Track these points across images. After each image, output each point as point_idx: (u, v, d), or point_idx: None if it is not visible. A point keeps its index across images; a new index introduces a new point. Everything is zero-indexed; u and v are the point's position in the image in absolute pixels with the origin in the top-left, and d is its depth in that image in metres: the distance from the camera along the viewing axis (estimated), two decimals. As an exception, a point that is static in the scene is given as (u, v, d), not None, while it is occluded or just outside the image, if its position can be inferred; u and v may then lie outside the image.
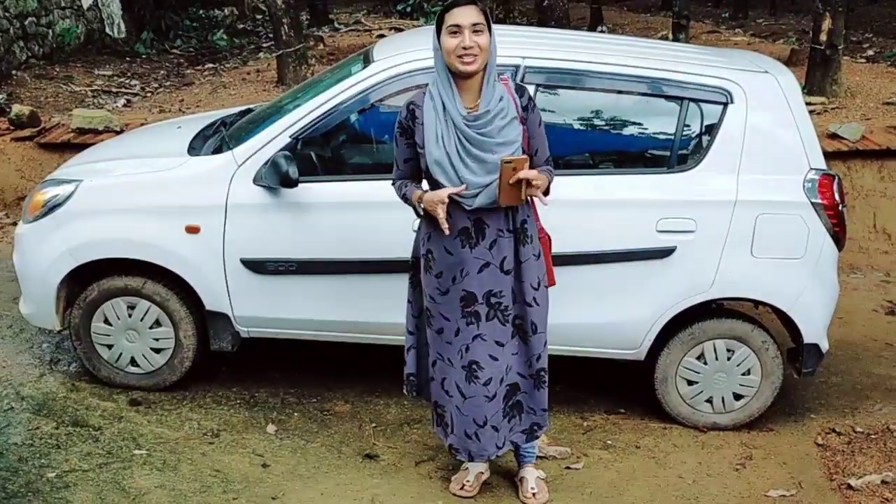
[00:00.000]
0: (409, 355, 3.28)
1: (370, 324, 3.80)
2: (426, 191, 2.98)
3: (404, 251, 3.40)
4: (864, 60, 9.86)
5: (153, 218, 3.74)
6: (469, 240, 2.96)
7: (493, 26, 2.89)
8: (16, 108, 6.98)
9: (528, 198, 2.95)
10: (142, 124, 6.30)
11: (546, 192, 2.99)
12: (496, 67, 2.92)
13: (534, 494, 3.29)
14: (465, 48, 2.79)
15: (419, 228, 3.13)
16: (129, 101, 8.56)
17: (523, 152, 2.92)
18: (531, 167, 2.91)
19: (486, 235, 2.96)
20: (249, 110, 4.56)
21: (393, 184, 3.12)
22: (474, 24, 2.80)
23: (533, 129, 2.99)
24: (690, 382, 3.85)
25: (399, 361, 3.37)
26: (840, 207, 3.69)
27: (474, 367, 3.04)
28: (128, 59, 10.75)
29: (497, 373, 3.05)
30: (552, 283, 3.16)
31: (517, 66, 3.62)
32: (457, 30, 2.81)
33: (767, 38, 12.17)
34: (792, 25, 13.68)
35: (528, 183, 2.81)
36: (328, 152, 3.85)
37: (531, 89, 3.42)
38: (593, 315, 3.71)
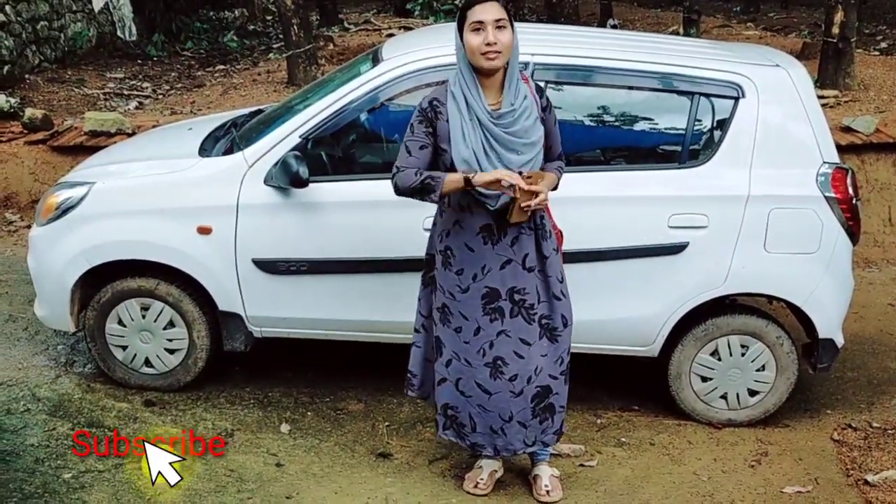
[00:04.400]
0: (413, 353, 3.28)
1: (382, 323, 3.80)
2: (466, 173, 2.81)
3: (415, 250, 3.40)
4: (877, 53, 9.79)
5: (165, 219, 3.76)
6: (491, 236, 2.97)
7: None
8: (29, 112, 7.03)
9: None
10: (153, 126, 6.32)
11: (554, 188, 3.03)
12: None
13: (548, 492, 3.28)
14: (488, 44, 2.78)
15: (435, 225, 3.13)
16: (140, 103, 8.61)
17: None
18: (547, 160, 3.01)
19: (507, 233, 2.96)
20: (260, 111, 4.57)
21: (395, 173, 2.96)
22: (497, 20, 2.79)
23: (550, 128, 3.02)
24: (705, 379, 3.83)
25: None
26: (854, 201, 3.67)
27: (499, 362, 3.04)
28: (139, 61, 10.80)
29: (524, 371, 3.05)
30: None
31: (526, 64, 3.60)
32: (480, 26, 2.79)
33: (779, 31, 12.10)
34: (804, 19, 13.60)
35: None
36: (338, 152, 3.85)
37: (542, 84, 3.42)
38: (606, 312, 3.70)
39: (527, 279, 3.01)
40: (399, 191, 2.98)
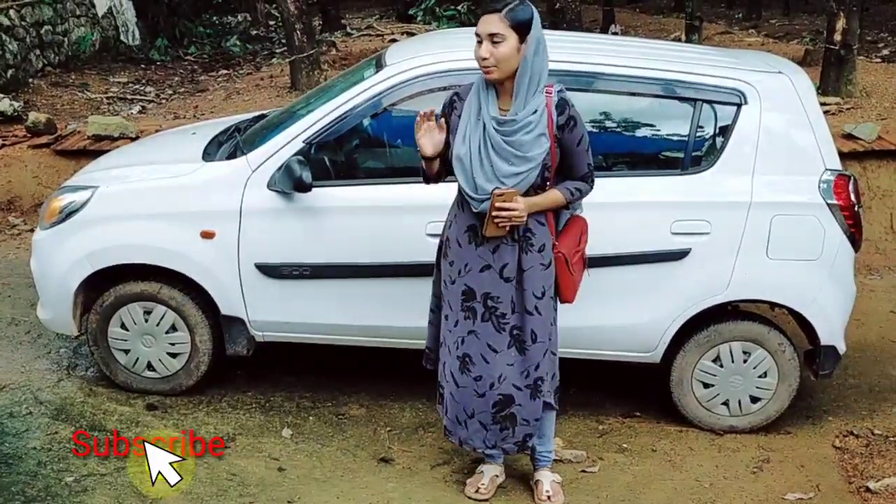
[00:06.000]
0: (429, 330, 3.31)
1: (384, 327, 3.80)
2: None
3: (417, 255, 3.41)
4: (879, 60, 9.80)
5: (168, 223, 3.77)
6: (475, 238, 2.99)
7: None
8: (32, 116, 7.05)
9: (547, 213, 3.00)
10: (157, 131, 6.34)
11: (565, 207, 3.04)
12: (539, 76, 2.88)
13: (549, 497, 3.28)
14: (482, 59, 2.81)
15: (449, 212, 3.15)
16: (143, 107, 8.63)
17: (545, 168, 2.90)
18: (567, 178, 2.99)
19: (489, 239, 2.97)
20: (263, 116, 4.58)
21: None
22: (492, 35, 2.79)
23: (570, 147, 2.94)
24: (706, 385, 3.83)
25: (412, 365, 3.38)
26: (856, 208, 3.67)
27: (467, 359, 3.07)
28: (142, 65, 10.84)
29: (487, 375, 3.06)
30: (569, 300, 3.13)
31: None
32: (478, 39, 2.83)
33: (781, 38, 12.11)
34: (806, 25, 13.62)
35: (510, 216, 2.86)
36: (341, 157, 3.86)
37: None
38: (608, 318, 3.70)
39: (502, 288, 3.00)
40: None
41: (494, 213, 2.84)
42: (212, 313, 3.89)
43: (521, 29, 2.80)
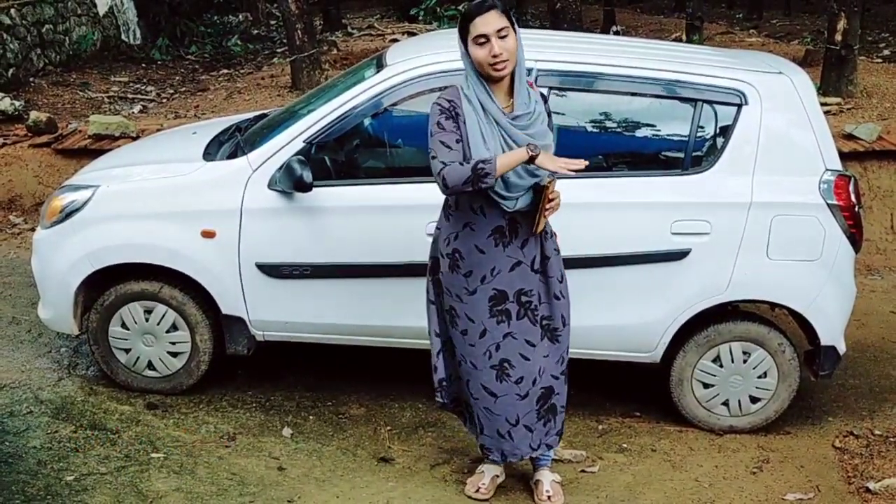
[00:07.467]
0: (440, 360, 3.22)
1: (384, 327, 3.81)
2: (530, 150, 2.73)
3: (418, 254, 3.41)
4: (880, 60, 9.80)
5: (169, 223, 3.77)
6: (503, 238, 2.98)
7: None
8: (33, 115, 7.05)
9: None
10: (157, 130, 6.34)
11: None
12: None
13: (549, 497, 3.28)
14: (494, 56, 2.80)
15: (439, 228, 3.12)
16: (144, 107, 8.63)
17: None
18: None
19: (518, 234, 2.98)
20: (264, 115, 4.58)
21: (441, 169, 2.78)
22: (499, 31, 2.80)
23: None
24: (706, 385, 3.83)
25: (413, 364, 3.39)
26: (856, 208, 3.67)
27: (505, 365, 3.06)
28: (143, 65, 10.84)
29: (528, 373, 3.07)
30: None
31: (530, 70, 3.61)
32: (484, 40, 2.81)
33: (782, 38, 12.12)
34: (807, 26, 13.62)
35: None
36: (342, 156, 3.87)
37: (544, 91, 3.44)
38: (608, 318, 3.70)
39: (532, 281, 3.03)
40: (449, 188, 2.79)
41: (548, 206, 2.85)
42: (212, 313, 3.89)
43: (512, 21, 2.85)
